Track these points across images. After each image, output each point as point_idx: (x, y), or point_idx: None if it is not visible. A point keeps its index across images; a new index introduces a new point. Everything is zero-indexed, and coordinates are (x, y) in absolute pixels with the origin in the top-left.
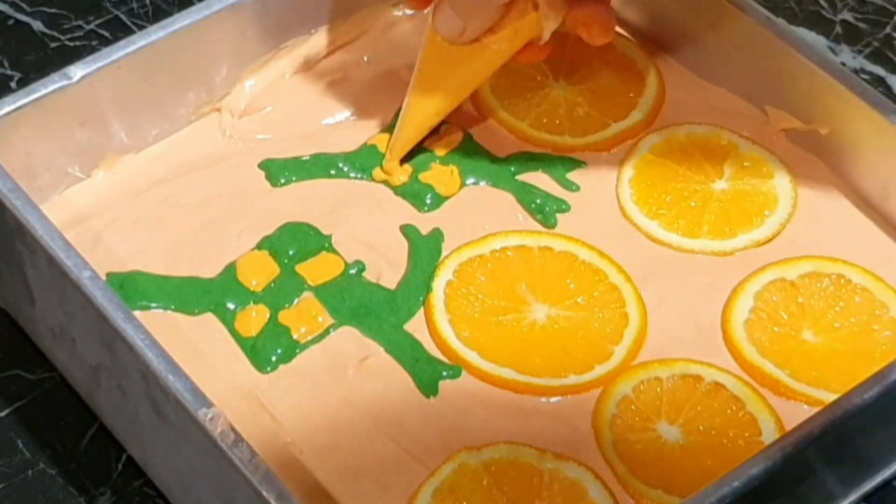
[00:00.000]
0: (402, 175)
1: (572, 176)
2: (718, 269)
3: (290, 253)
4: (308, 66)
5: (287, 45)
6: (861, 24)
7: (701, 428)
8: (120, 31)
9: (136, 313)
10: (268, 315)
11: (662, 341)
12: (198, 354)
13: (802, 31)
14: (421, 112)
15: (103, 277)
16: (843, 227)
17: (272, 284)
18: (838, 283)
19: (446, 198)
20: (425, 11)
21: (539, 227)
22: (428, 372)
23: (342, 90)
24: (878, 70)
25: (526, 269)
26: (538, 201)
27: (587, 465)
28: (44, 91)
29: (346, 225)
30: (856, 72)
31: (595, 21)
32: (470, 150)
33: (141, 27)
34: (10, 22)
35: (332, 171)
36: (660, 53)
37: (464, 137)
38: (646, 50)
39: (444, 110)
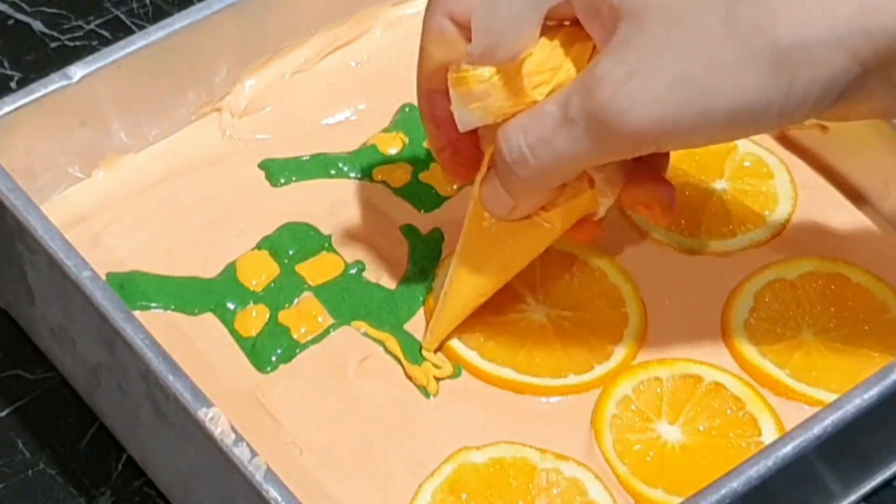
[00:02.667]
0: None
1: None
2: (718, 269)
3: (290, 253)
4: (308, 66)
5: (287, 45)
6: None
7: (701, 428)
8: (120, 31)
9: (136, 313)
10: (268, 315)
11: (662, 341)
12: (198, 354)
13: None
14: (465, 291)
15: (103, 277)
16: (843, 227)
17: (272, 284)
18: (838, 283)
19: (446, 198)
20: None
21: None
22: None
23: (342, 90)
24: None
25: (526, 269)
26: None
27: (587, 465)
28: (44, 91)
29: (346, 225)
30: None
31: (655, 200)
32: None
33: (141, 27)
34: (10, 22)
35: (332, 171)
36: None
37: None
38: None
39: (489, 290)
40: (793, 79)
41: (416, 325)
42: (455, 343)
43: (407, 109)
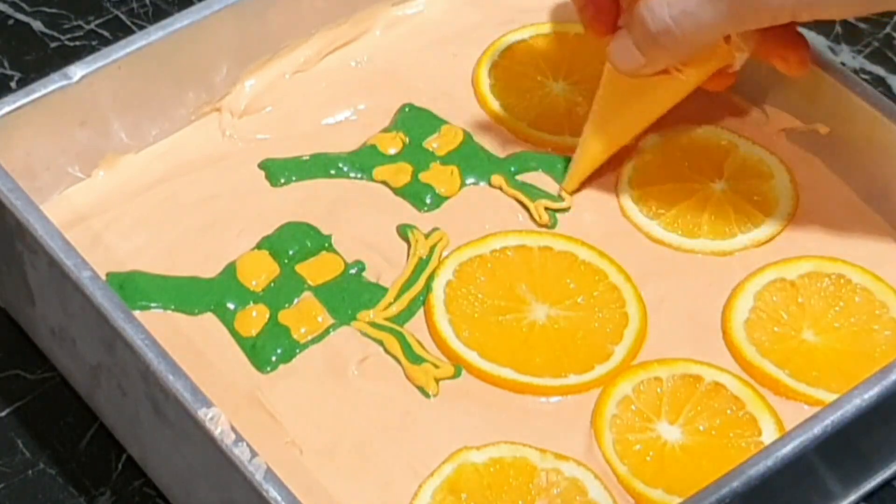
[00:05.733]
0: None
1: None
2: (718, 269)
3: (290, 253)
4: (308, 66)
5: (287, 45)
6: (861, 24)
7: (701, 428)
8: (120, 31)
9: (136, 313)
10: (268, 315)
11: (662, 341)
12: (198, 354)
13: (802, 31)
14: (603, 137)
15: (103, 277)
16: (843, 227)
17: (272, 284)
18: (838, 283)
19: (446, 198)
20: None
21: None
22: None
23: (342, 90)
24: (878, 70)
25: (526, 269)
26: (539, 200)
27: (587, 465)
28: (44, 91)
29: (346, 225)
30: (856, 72)
31: (791, 51)
32: (470, 150)
33: (141, 27)
34: (10, 22)
35: (332, 171)
36: None
37: (464, 137)
38: None
39: (623, 138)
40: None
41: (416, 325)
42: (455, 343)
43: (407, 109)
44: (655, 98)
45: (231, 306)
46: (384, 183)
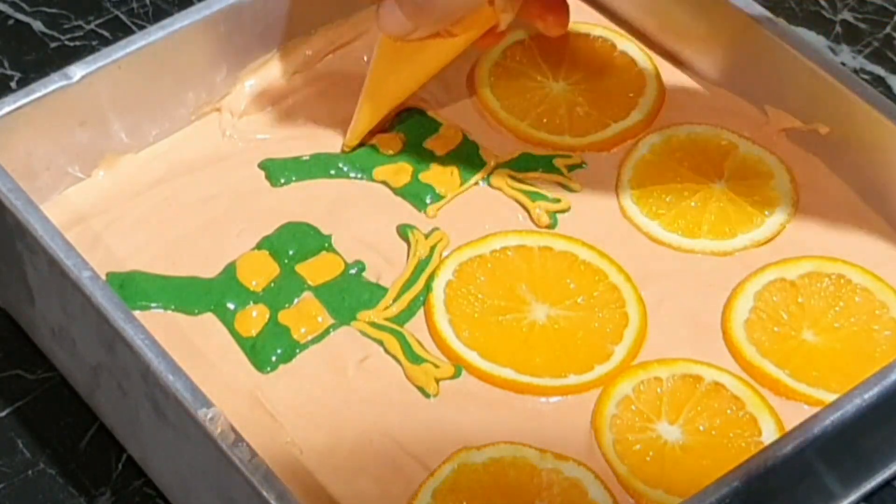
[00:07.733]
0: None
1: (572, 176)
2: (718, 269)
3: (290, 253)
4: (308, 65)
5: (287, 45)
6: (861, 24)
7: (701, 428)
8: (120, 31)
9: (136, 313)
10: (268, 315)
11: (662, 341)
12: (198, 354)
13: (802, 31)
14: (380, 95)
15: (103, 277)
16: (843, 227)
17: (272, 284)
18: (838, 283)
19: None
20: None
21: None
22: None
23: (342, 90)
24: (878, 70)
25: (526, 269)
26: (538, 201)
27: (587, 465)
28: (44, 91)
29: (346, 225)
30: (856, 72)
31: (550, 13)
32: (470, 150)
33: (141, 27)
34: (10, 22)
35: (332, 171)
36: (660, 53)
37: (464, 137)
38: (646, 50)
39: (399, 97)
40: None
41: (416, 325)
42: (455, 343)
43: (407, 110)
44: (428, 58)
45: (231, 306)
46: (384, 183)
